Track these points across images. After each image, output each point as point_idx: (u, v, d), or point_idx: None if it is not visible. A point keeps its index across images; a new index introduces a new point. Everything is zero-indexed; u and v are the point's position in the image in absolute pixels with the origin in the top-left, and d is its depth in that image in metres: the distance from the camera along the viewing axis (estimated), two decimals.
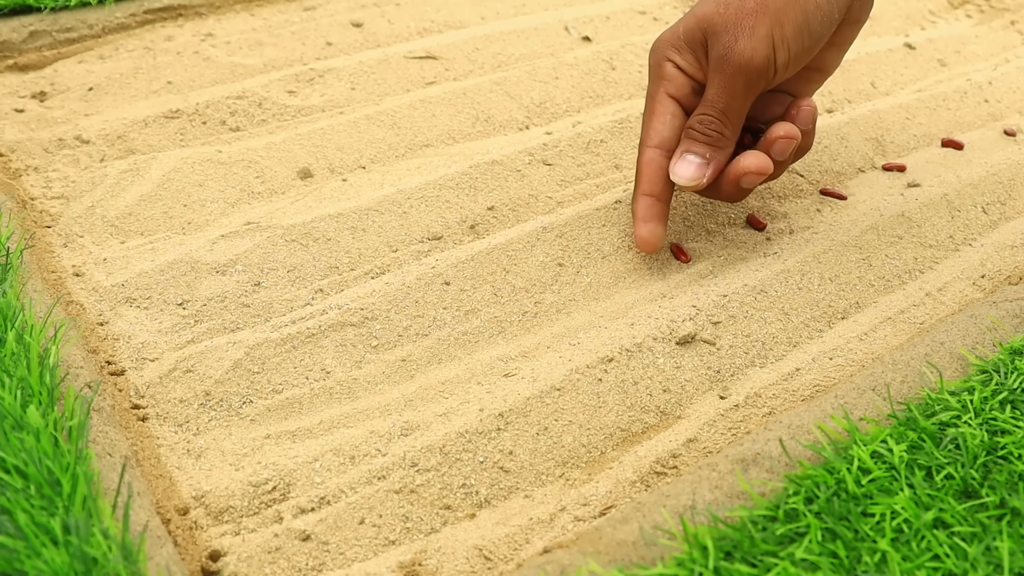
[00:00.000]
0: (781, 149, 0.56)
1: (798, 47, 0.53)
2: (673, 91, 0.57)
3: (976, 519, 0.40)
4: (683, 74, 0.57)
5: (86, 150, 0.67)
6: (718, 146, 0.55)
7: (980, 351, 0.51)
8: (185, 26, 0.83)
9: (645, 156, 0.57)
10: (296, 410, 0.50)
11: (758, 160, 0.55)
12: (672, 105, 0.57)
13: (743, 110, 0.55)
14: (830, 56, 0.59)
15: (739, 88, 0.54)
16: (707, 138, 0.55)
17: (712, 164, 0.55)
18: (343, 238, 0.60)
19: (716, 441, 0.50)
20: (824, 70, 0.60)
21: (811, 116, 0.58)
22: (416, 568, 0.43)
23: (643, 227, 0.57)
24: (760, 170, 0.55)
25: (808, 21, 0.53)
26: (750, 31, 0.52)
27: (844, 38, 0.58)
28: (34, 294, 0.52)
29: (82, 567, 0.35)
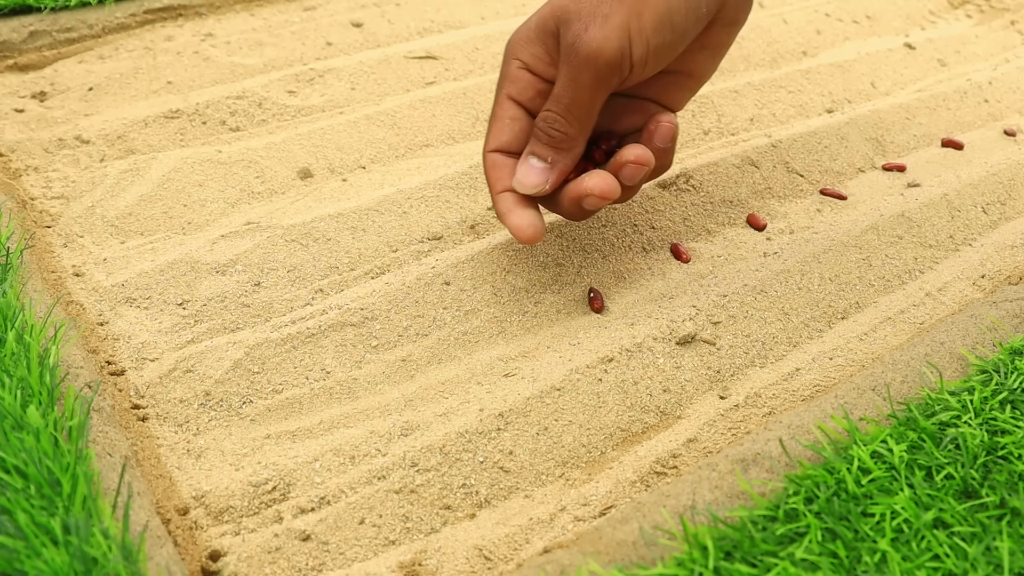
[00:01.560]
0: (630, 175, 0.51)
1: (658, 41, 0.48)
2: (515, 93, 0.52)
3: (976, 519, 0.40)
4: (529, 73, 0.52)
5: (86, 150, 0.67)
6: (562, 148, 0.50)
7: (980, 351, 0.51)
8: (185, 26, 0.83)
9: (487, 160, 0.53)
10: (296, 410, 0.50)
11: (603, 182, 0.50)
12: (512, 108, 0.52)
13: (592, 107, 0.49)
14: (702, 60, 0.53)
15: (587, 81, 0.48)
16: (550, 139, 0.50)
17: (555, 168, 0.51)
18: (343, 238, 0.60)
19: (716, 441, 0.50)
20: (696, 76, 0.54)
21: (670, 134, 0.52)
22: (416, 568, 0.43)
23: (511, 218, 0.52)
24: (604, 193, 0.50)
25: (671, 12, 0.48)
26: (603, 19, 0.47)
27: (718, 40, 0.53)
28: (34, 294, 0.52)
29: (82, 567, 0.35)
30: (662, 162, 0.54)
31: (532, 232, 0.52)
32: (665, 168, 0.55)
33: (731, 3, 0.51)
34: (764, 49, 0.91)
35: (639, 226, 0.64)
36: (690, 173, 0.68)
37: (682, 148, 0.74)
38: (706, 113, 0.78)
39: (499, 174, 0.53)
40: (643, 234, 0.63)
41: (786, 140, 0.73)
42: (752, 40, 0.91)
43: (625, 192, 0.53)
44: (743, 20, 0.53)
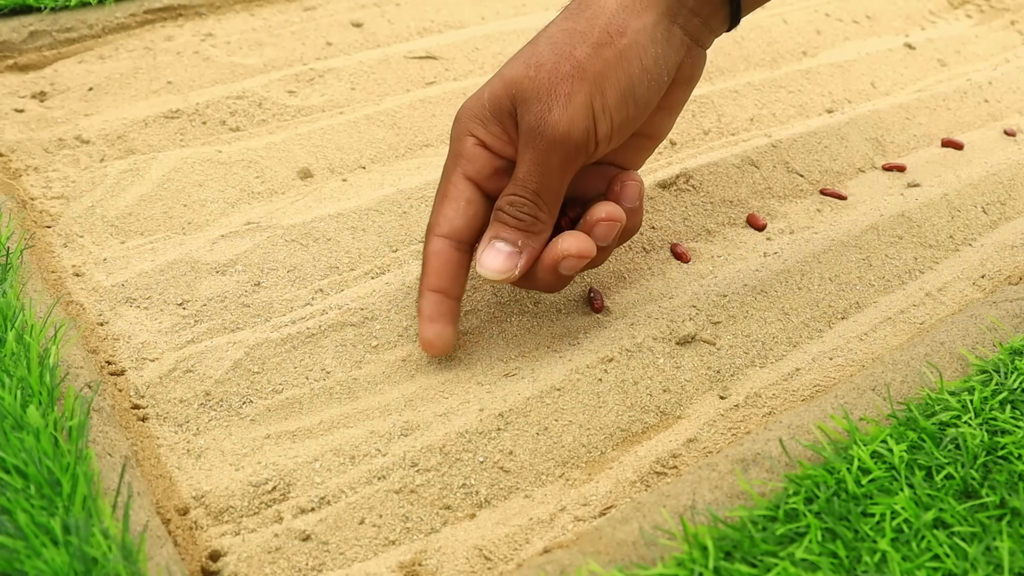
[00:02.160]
0: (603, 233, 0.49)
1: (622, 117, 0.47)
2: (472, 173, 0.49)
3: (976, 519, 0.40)
4: (486, 151, 0.49)
5: (86, 150, 0.67)
6: (532, 231, 0.48)
7: (980, 351, 0.51)
8: (185, 26, 0.83)
9: (432, 246, 0.50)
10: (296, 410, 0.50)
11: (579, 242, 0.48)
12: (468, 189, 0.49)
13: (560, 190, 0.48)
14: (660, 121, 0.52)
15: (555, 165, 0.46)
16: (519, 223, 0.48)
17: (525, 253, 0.48)
18: (343, 238, 0.60)
19: (716, 441, 0.50)
20: (654, 136, 0.53)
21: (637, 192, 0.51)
22: (416, 568, 0.43)
23: (429, 328, 0.50)
24: (581, 253, 0.48)
25: (633, 87, 0.46)
26: (566, 99, 0.45)
27: (676, 100, 0.51)
28: (34, 294, 0.52)
29: (82, 567, 0.35)
30: (632, 222, 0.52)
31: (441, 349, 0.51)
32: (635, 229, 0.53)
33: (687, 63, 0.50)
34: (764, 49, 0.91)
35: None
36: (690, 173, 0.68)
37: (682, 148, 0.74)
38: (706, 113, 0.78)
39: (440, 268, 0.50)
40: (643, 234, 0.63)
41: (786, 140, 0.73)
42: (752, 40, 0.91)
43: (599, 254, 0.51)
44: (698, 77, 0.52)
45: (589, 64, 0.46)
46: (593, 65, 0.46)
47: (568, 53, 0.46)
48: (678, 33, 0.48)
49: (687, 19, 0.48)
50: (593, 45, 0.46)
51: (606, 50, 0.46)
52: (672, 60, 0.48)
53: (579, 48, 0.46)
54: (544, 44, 0.47)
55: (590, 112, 0.46)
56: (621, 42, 0.46)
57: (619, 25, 0.46)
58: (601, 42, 0.46)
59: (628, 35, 0.46)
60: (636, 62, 0.46)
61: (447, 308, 0.50)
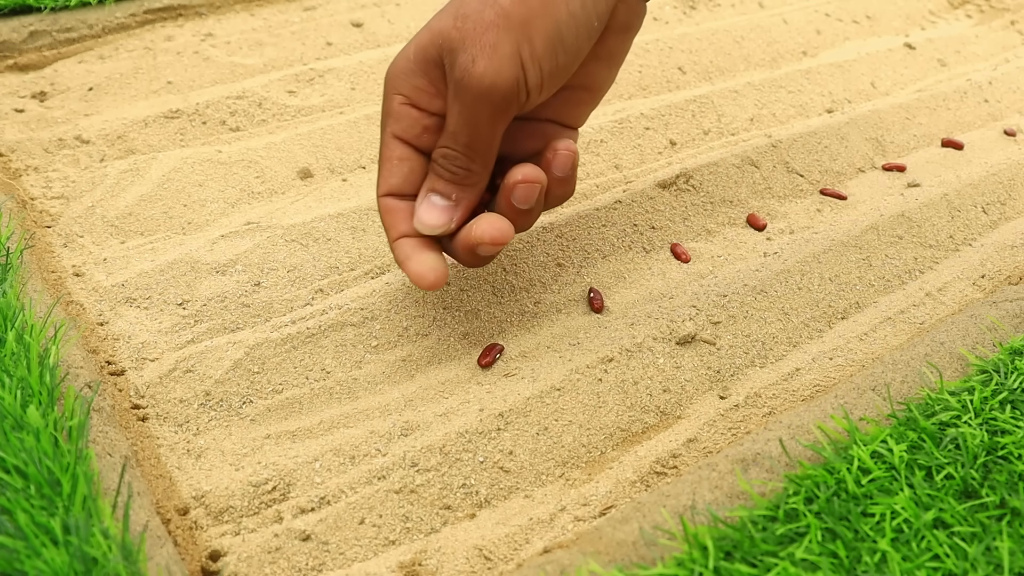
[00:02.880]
0: (522, 196, 0.47)
1: (552, 65, 0.45)
2: (400, 131, 0.49)
3: (976, 519, 0.40)
4: (414, 108, 0.48)
5: (86, 150, 0.67)
6: (466, 183, 0.47)
7: (980, 351, 0.51)
8: (185, 26, 0.83)
9: (381, 206, 0.50)
10: (296, 410, 0.50)
11: (492, 226, 0.47)
12: (399, 148, 0.49)
13: (492, 141, 0.47)
14: (599, 72, 0.50)
15: (484, 117, 0.45)
16: (452, 175, 0.47)
17: (460, 206, 0.48)
18: (343, 238, 0.60)
19: (716, 441, 0.50)
20: (594, 88, 0.51)
21: (568, 162, 0.49)
22: (416, 568, 0.43)
23: (411, 264, 0.48)
24: (495, 239, 0.47)
25: (561, 33, 0.45)
26: (491, 49, 0.44)
27: (613, 49, 0.49)
28: (34, 294, 0.52)
29: (82, 567, 0.35)
30: (563, 190, 0.50)
31: (435, 277, 0.48)
32: (566, 196, 0.51)
33: (622, 9, 0.48)
34: (764, 49, 0.91)
35: (639, 226, 0.64)
36: (690, 173, 0.68)
37: (682, 148, 0.74)
38: (706, 113, 0.78)
39: (394, 219, 0.49)
40: (643, 234, 0.63)
41: (786, 140, 0.73)
42: (752, 40, 0.91)
43: (522, 218, 0.49)
44: (637, 26, 0.50)
45: (514, 11, 0.44)
46: (518, 12, 0.44)
47: (493, 1, 0.44)
48: None
49: None
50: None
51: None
52: (602, 5, 0.46)
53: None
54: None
55: (518, 61, 0.44)
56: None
57: None
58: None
59: None
60: (562, 7, 0.45)
61: (419, 242, 0.49)
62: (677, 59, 0.86)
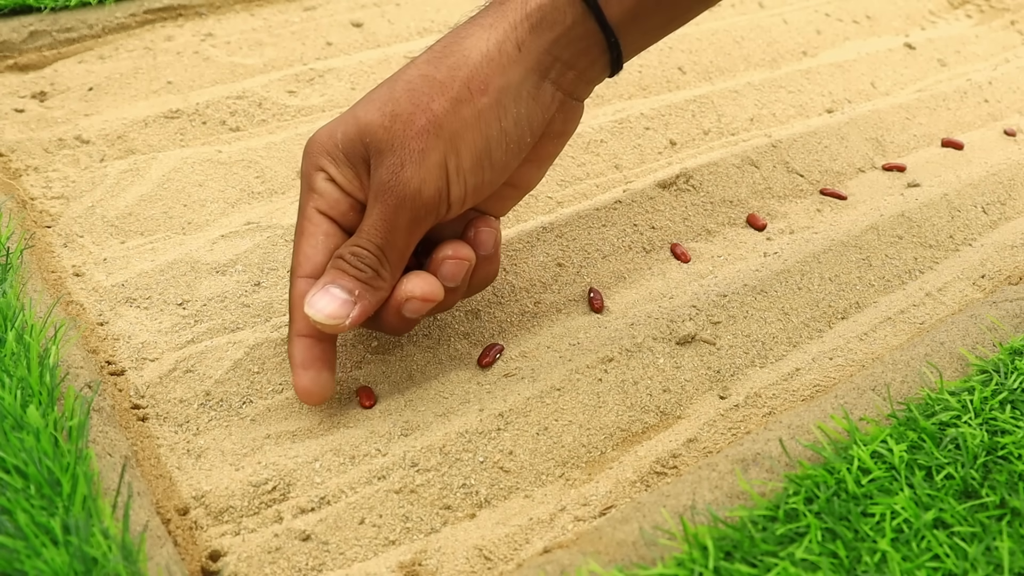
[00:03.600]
0: (450, 273, 0.47)
1: (476, 180, 0.45)
2: (325, 208, 0.47)
3: (976, 519, 0.40)
4: (337, 189, 0.47)
5: (86, 150, 0.67)
6: (371, 285, 0.46)
7: (980, 351, 0.51)
8: (185, 26, 0.83)
9: (296, 288, 0.47)
10: (296, 410, 0.50)
11: (424, 284, 0.46)
12: (325, 224, 0.47)
13: (406, 249, 0.46)
14: (528, 173, 0.49)
15: (402, 223, 0.44)
16: (360, 273, 0.45)
17: (360, 305, 0.45)
18: None
19: (716, 441, 0.50)
20: (522, 187, 0.50)
21: (492, 240, 0.49)
22: (416, 568, 0.43)
23: (303, 376, 0.47)
24: (426, 296, 0.46)
25: (490, 149, 0.44)
26: (419, 156, 0.43)
27: (546, 153, 0.49)
28: (34, 294, 0.52)
29: (82, 567, 0.35)
30: (486, 270, 0.50)
31: (318, 398, 0.48)
32: (491, 277, 0.51)
33: (558, 119, 0.47)
34: (764, 49, 0.91)
35: (639, 226, 0.64)
36: (690, 173, 0.68)
37: (682, 148, 0.74)
38: (706, 113, 0.78)
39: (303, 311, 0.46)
40: (643, 234, 0.63)
41: (786, 140, 0.73)
42: (752, 40, 0.91)
43: (447, 297, 0.48)
44: (572, 131, 0.49)
45: (446, 121, 0.43)
46: (450, 123, 0.43)
47: (425, 105, 0.44)
48: (549, 89, 0.45)
49: (560, 73, 0.45)
50: (452, 100, 0.44)
51: (464, 107, 0.44)
52: (538, 119, 0.46)
53: (437, 101, 0.44)
54: (402, 89, 0.45)
55: (444, 172, 0.44)
56: (481, 101, 0.44)
57: (481, 80, 0.44)
58: (460, 98, 0.44)
59: (490, 93, 0.44)
60: (495, 124, 0.44)
61: (320, 352, 0.47)
62: (677, 59, 0.86)
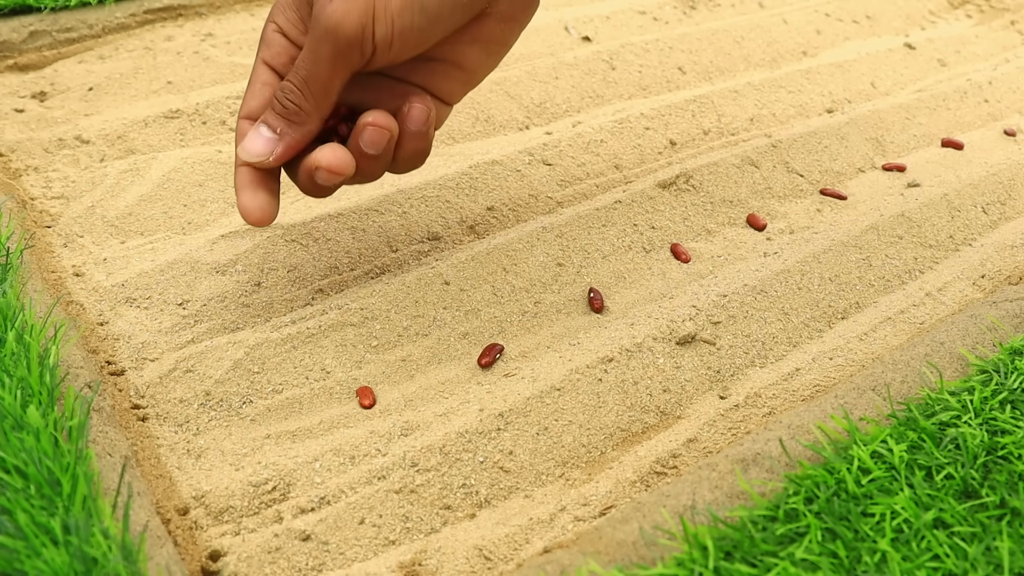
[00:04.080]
0: (369, 140, 0.48)
1: (405, 23, 0.46)
2: (269, 57, 0.50)
3: (976, 519, 0.40)
4: (284, 38, 0.50)
5: (86, 150, 0.67)
6: (294, 121, 0.48)
7: (980, 351, 0.51)
8: (185, 26, 0.83)
9: (238, 128, 0.51)
10: (296, 410, 0.50)
11: (334, 156, 0.48)
12: (266, 73, 0.51)
13: (330, 83, 0.47)
14: (473, 53, 0.50)
15: (325, 55, 0.46)
16: (284, 109, 0.48)
17: (283, 141, 0.48)
18: (343, 238, 0.60)
19: (716, 441, 0.50)
20: (468, 69, 0.51)
21: (422, 117, 0.49)
22: (416, 568, 0.43)
23: (243, 194, 0.50)
24: (334, 167, 0.48)
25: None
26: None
27: (492, 35, 0.50)
28: (34, 294, 0.52)
29: (82, 567, 0.35)
30: (415, 146, 0.50)
31: (259, 216, 0.50)
32: (419, 153, 0.51)
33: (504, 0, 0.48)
34: (764, 49, 0.91)
35: (639, 226, 0.64)
36: (690, 173, 0.68)
37: (682, 148, 0.74)
38: (706, 113, 0.78)
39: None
40: (643, 234, 0.63)
41: (786, 140, 0.73)
42: (752, 40, 0.91)
43: (367, 165, 0.49)
44: (523, 20, 0.50)
45: None
46: None
47: None
48: None
49: None
50: None
51: None
52: None
53: None
54: None
55: (370, 10, 0.45)
56: None
57: None
58: None
59: None
60: None
61: (258, 176, 0.50)
62: (677, 59, 0.86)
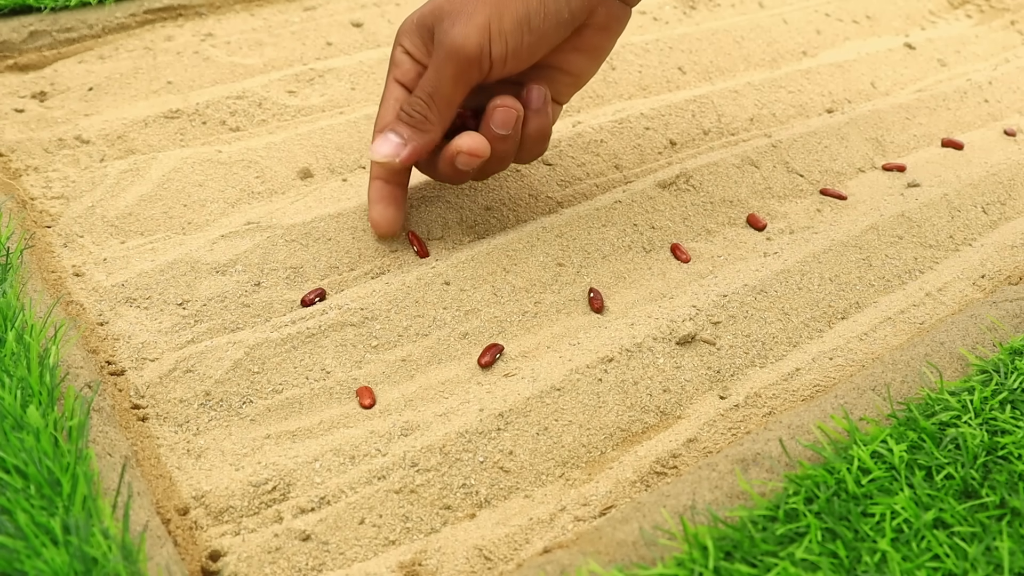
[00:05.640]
0: (500, 120, 0.54)
1: (516, 42, 0.53)
2: (399, 76, 0.57)
3: (976, 519, 0.40)
4: (411, 59, 0.56)
5: (86, 150, 0.67)
6: (420, 129, 0.55)
7: (980, 351, 0.51)
8: (185, 26, 0.83)
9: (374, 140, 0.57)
10: (296, 410, 0.50)
11: (472, 140, 0.54)
12: (398, 90, 0.57)
13: (453, 97, 0.54)
14: (579, 61, 0.57)
15: (449, 73, 0.53)
16: (409, 119, 0.55)
17: (410, 146, 0.55)
18: (343, 238, 0.60)
19: (716, 441, 0.50)
20: (574, 74, 0.58)
21: (540, 97, 0.56)
22: (416, 568, 0.43)
23: (374, 208, 0.58)
24: (473, 150, 0.54)
25: (528, 15, 0.52)
26: (467, 17, 0.52)
27: (593, 44, 0.56)
28: (34, 294, 0.52)
29: (82, 567, 0.35)
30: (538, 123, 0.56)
31: (387, 228, 0.58)
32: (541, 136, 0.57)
33: (602, 11, 0.54)
34: (764, 49, 0.91)
35: (639, 226, 0.64)
36: (690, 173, 0.68)
37: (682, 148, 0.74)
38: (706, 113, 0.78)
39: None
40: (643, 234, 0.63)
41: (786, 140, 0.73)
42: (752, 40, 0.91)
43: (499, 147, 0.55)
44: (618, 28, 0.56)
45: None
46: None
47: None
48: None
49: None
50: None
51: None
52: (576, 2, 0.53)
53: None
54: None
55: (486, 32, 0.52)
56: None
57: None
58: None
59: None
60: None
61: (388, 192, 0.58)
62: (677, 59, 0.86)
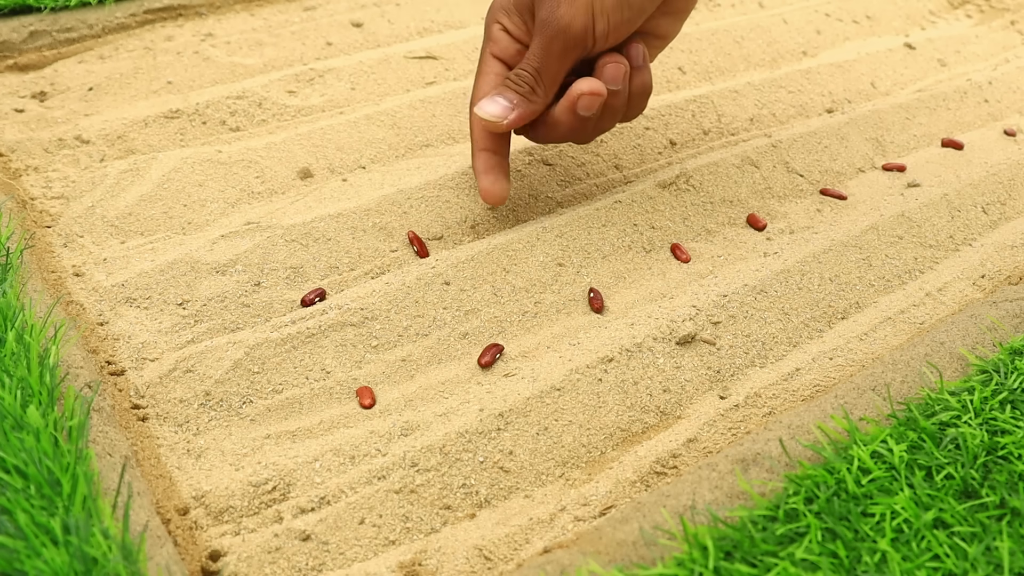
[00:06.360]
0: (610, 74, 0.56)
1: (618, 18, 0.55)
2: (498, 52, 0.59)
3: (976, 519, 0.40)
4: (509, 36, 0.59)
5: (86, 150, 0.67)
6: (527, 98, 0.57)
7: (980, 351, 0.51)
8: (185, 26, 0.83)
9: (473, 116, 0.59)
10: (296, 410, 0.50)
11: (591, 82, 0.56)
12: (497, 65, 0.59)
13: (558, 72, 0.56)
14: (666, 23, 0.60)
15: (556, 50, 0.55)
16: (519, 87, 0.57)
17: (517, 111, 0.57)
18: (343, 238, 0.60)
19: (716, 441, 0.50)
20: (661, 36, 0.61)
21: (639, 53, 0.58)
22: (416, 568, 0.43)
23: (485, 179, 0.59)
24: (594, 90, 0.55)
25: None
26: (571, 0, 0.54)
27: (681, 6, 0.60)
28: (34, 294, 0.52)
29: (82, 567, 0.35)
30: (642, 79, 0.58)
31: (499, 197, 0.59)
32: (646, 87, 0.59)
33: None
34: (764, 49, 0.91)
35: (639, 226, 0.64)
36: (690, 173, 0.68)
37: (682, 148, 0.74)
38: (706, 113, 0.78)
39: (483, 131, 0.59)
40: (643, 234, 0.63)
41: (786, 140, 0.73)
42: (752, 40, 0.91)
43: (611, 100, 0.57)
44: None
45: None
46: None
47: None
48: None
49: None
50: None
51: None
52: None
53: None
54: None
55: (590, 11, 0.54)
56: None
57: None
58: None
59: None
60: None
61: (495, 163, 0.59)
62: (677, 59, 0.86)
